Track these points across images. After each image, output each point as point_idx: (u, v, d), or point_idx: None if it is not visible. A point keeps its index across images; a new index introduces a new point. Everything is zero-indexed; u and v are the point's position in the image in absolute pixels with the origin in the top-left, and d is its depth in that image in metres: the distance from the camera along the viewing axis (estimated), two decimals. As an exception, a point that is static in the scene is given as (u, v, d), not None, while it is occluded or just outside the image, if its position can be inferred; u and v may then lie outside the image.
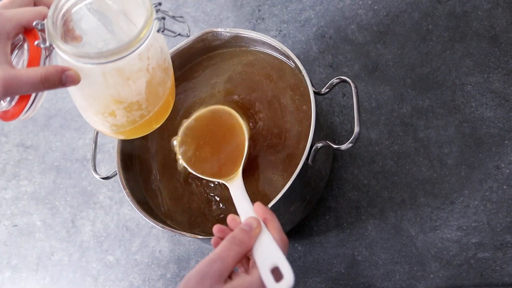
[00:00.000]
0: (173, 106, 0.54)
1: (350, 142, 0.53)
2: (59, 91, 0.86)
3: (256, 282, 0.41)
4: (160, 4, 0.46)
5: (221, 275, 0.40)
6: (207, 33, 0.64)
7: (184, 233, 0.57)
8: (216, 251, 0.42)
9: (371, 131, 0.70)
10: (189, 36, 0.49)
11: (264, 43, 0.64)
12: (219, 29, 0.64)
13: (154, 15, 0.45)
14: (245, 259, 0.46)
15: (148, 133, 0.54)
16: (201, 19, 0.85)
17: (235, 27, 0.75)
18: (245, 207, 0.49)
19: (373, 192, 0.68)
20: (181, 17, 0.49)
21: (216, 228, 0.46)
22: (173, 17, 0.48)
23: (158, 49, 0.47)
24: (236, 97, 0.65)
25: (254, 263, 0.43)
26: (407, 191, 0.66)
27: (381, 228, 0.66)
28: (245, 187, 0.55)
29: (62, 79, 0.43)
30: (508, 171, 0.64)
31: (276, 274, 0.42)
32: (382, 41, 0.74)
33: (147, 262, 0.74)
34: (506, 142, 0.65)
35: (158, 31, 0.45)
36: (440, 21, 0.73)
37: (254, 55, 0.67)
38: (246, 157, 0.58)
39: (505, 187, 0.63)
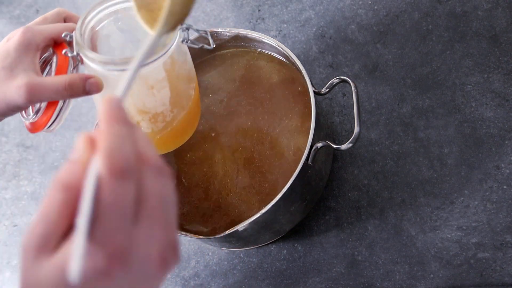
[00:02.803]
0: None
1: (350, 142, 0.54)
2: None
3: (58, 267, 0.25)
4: None
5: (46, 242, 0.26)
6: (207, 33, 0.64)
7: (184, 233, 0.57)
8: (40, 207, 0.27)
9: (371, 131, 0.70)
10: (213, 47, 0.50)
11: (264, 43, 0.64)
12: (219, 29, 0.64)
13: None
14: None
15: (174, 148, 0.54)
16: (201, 19, 0.85)
17: (235, 27, 0.75)
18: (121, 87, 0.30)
19: (373, 192, 0.67)
20: (204, 31, 0.51)
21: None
22: (197, 30, 0.50)
23: (182, 59, 0.48)
24: (236, 97, 0.65)
25: None
26: (407, 191, 0.66)
27: (381, 228, 0.66)
28: (244, 184, 0.55)
29: (85, 87, 0.44)
30: (508, 171, 0.64)
31: None
32: (382, 41, 0.74)
33: (147, 262, 0.74)
34: (506, 142, 0.65)
35: (182, 41, 0.46)
36: (440, 21, 0.73)
37: (254, 55, 0.67)
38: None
39: (505, 187, 0.63)
